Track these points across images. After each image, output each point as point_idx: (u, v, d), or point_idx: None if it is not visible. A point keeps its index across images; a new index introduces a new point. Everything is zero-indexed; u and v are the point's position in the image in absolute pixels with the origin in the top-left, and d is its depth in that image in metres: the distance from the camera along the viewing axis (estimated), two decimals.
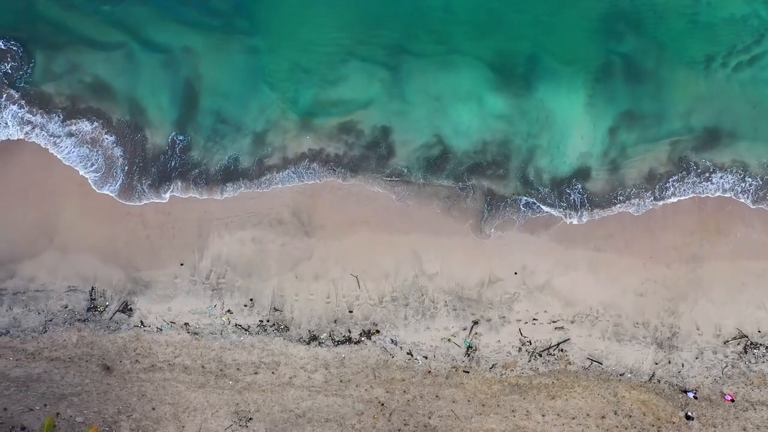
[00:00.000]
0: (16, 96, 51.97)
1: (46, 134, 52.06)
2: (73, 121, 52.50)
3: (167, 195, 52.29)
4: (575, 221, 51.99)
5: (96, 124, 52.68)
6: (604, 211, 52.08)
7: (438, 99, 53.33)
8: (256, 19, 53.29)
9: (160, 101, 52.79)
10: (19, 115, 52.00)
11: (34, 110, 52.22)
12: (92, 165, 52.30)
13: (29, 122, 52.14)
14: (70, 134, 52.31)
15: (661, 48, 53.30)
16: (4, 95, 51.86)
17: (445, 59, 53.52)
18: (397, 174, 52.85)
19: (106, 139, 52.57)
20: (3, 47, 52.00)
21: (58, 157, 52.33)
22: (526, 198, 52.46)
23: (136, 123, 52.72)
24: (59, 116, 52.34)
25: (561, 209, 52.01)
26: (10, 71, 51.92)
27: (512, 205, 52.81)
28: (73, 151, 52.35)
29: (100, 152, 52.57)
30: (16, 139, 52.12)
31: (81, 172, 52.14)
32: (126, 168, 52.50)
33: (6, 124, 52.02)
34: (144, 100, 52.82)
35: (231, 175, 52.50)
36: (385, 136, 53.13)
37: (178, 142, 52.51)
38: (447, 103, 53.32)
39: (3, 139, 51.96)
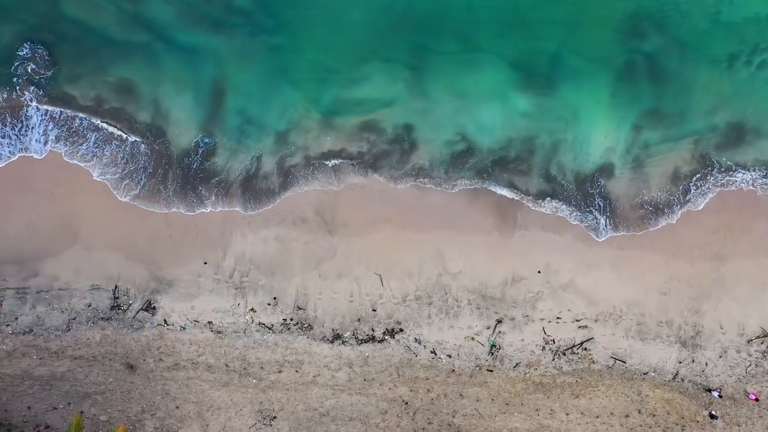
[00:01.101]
0: (41, 99, 51.65)
1: (67, 139, 51.78)
2: (95, 124, 52.17)
3: (198, 209, 52.16)
4: (602, 237, 52.01)
5: (118, 126, 52.38)
6: (631, 230, 52.13)
7: (461, 97, 53.22)
8: (279, 17, 53.04)
9: (183, 102, 52.59)
10: (44, 120, 51.78)
11: (58, 113, 51.87)
12: (114, 169, 52.01)
13: (54, 127, 51.89)
14: (93, 138, 51.99)
15: (684, 47, 53.17)
16: (31, 98, 51.57)
17: (468, 58, 53.35)
18: (420, 172, 52.65)
19: (129, 141, 52.28)
20: (28, 49, 51.69)
21: (82, 165, 52.00)
22: (550, 199, 52.32)
23: (158, 125, 52.50)
24: (82, 119, 52.01)
25: (586, 221, 52.05)
26: (34, 73, 51.65)
27: (535, 204, 52.60)
28: (95, 155, 52.09)
29: (122, 156, 52.25)
30: (42, 144, 51.92)
31: (101, 178, 51.85)
32: (148, 173, 52.22)
33: (31, 129, 51.82)
34: (167, 100, 52.61)
35: (255, 184, 52.51)
36: (408, 134, 53.06)
37: (202, 144, 52.35)
38: (470, 101, 53.21)
39: (30, 142, 51.78)
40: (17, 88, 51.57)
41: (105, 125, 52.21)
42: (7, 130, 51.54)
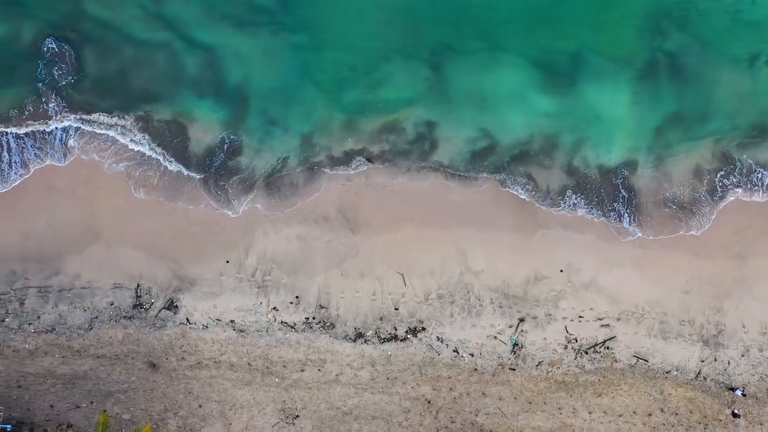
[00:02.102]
0: (63, 101, 51.62)
1: (92, 140, 51.82)
2: (117, 123, 52.13)
3: (222, 208, 52.17)
4: (629, 238, 52.10)
5: (139, 126, 52.34)
6: (657, 232, 52.28)
7: (482, 96, 53.24)
8: (301, 16, 53.05)
9: (205, 100, 52.64)
10: (66, 121, 51.78)
11: (80, 114, 51.88)
12: (137, 169, 52.02)
13: (77, 129, 51.89)
14: (114, 138, 52.00)
15: (705, 46, 53.19)
16: (53, 100, 51.54)
17: (489, 57, 53.40)
18: (441, 170, 52.62)
19: (150, 142, 52.24)
20: (55, 47, 51.63)
21: (104, 163, 51.98)
22: (574, 197, 52.38)
23: (179, 123, 52.41)
24: (104, 118, 52.01)
25: (609, 220, 52.15)
26: (57, 72, 51.60)
27: (557, 203, 52.61)
28: (116, 155, 52.14)
29: (143, 156, 52.23)
30: (67, 145, 51.99)
31: (119, 168, 51.92)
32: (173, 172, 52.26)
33: (54, 130, 51.85)
34: (188, 99, 52.63)
35: (279, 183, 52.64)
36: (430, 132, 53.11)
37: (227, 142, 52.34)
38: (492, 100, 53.25)
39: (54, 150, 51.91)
40: (41, 93, 51.72)
41: (125, 126, 52.02)
42: (31, 140, 51.45)
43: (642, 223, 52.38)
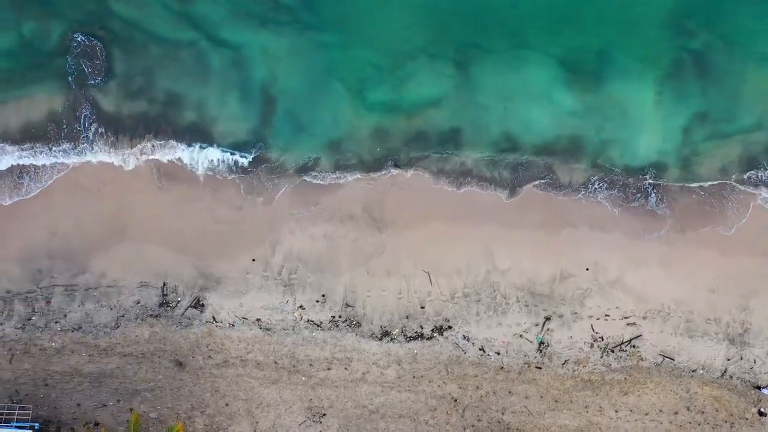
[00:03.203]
0: (91, 102, 51.71)
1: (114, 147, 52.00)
2: (143, 125, 52.31)
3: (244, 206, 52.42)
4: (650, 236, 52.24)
5: (166, 128, 52.50)
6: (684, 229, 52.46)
7: (507, 94, 53.19)
8: (326, 15, 52.92)
9: (230, 99, 52.54)
10: (93, 123, 51.86)
11: (105, 116, 52.00)
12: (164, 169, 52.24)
13: (101, 132, 52.00)
14: (139, 145, 52.20)
15: (731, 44, 53.12)
16: (84, 103, 51.60)
17: (514, 55, 53.31)
18: (467, 169, 52.65)
19: (175, 144, 52.26)
20: (86, 41, 51.51)
21: (126, 167, 52.09)
22: (600, 195, 52.48)
23: (205, 122, 52.36)
24: (128, 121, 52.25)
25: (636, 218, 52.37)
26: (85, 70, 51.61)
27: (584, 201, 52.66)
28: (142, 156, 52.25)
29: (170, 156, 52.35)
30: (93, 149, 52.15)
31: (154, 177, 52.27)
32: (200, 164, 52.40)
33: (85, 133, 51.94)
34: (214, 98, 52.54)
35: (304, 181, 52.81)
36: (455, 132, 53.02)
37: (251, 141, 52.28)
38: (517, 98, 53.16)
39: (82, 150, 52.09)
40: (72, 88, 51.83)
41: (150, 128, 52.21)
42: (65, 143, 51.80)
43: (670, 222, 52.23)
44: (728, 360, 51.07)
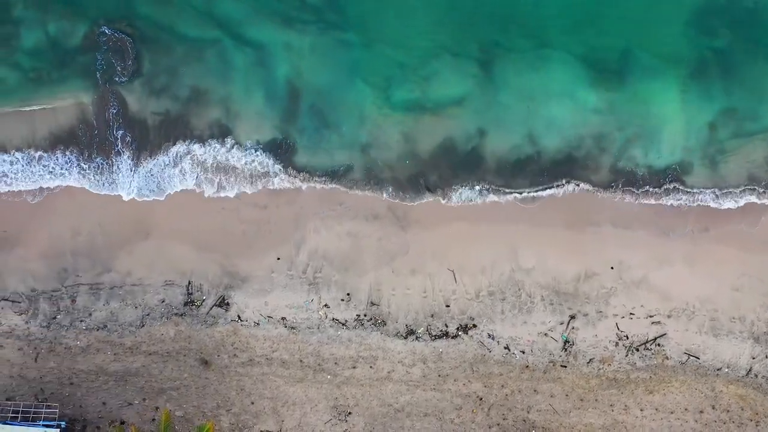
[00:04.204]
0: (117, 101, 51.84)
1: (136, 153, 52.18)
2: (167, 125, 52.39)
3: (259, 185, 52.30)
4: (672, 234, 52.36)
5: (187, 129, 52.55)
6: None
7: (531, 93, 53.14)
8: (349, 13, 52.96)
9: (254, 98, 52.57)
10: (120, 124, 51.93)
11: (129, 118, 52.10)
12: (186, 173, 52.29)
13: (126, 135, 52.04)
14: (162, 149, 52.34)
15: (755, 43, 53.12)
16: (110, 102, 51.67)
17: (537, 54, 53.30)
18: (491, 170, 52.73)
19: (197, 145, 52.34)
20: (113, 34, 51.58)
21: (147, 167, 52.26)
22: (624, 193, 52.60)
23: (228, 120, 52.43)
24: (152, 122, 52.31)
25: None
26: (112, 69, 51.77)
27: (606, 199, 52.74)
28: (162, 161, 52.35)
29: (190, 157, 52.35)
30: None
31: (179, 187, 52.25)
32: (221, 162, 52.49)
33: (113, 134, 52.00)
34: (237, 97, 52.57)
35: (326, 173, 52.68)
36: (480, 131, 53.01)
37: (275, 141, 52.37)
38: (540, 97, 53.16)
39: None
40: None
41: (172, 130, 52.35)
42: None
43: (693, 220, 52.34)
44: (753, 359, 51.07)
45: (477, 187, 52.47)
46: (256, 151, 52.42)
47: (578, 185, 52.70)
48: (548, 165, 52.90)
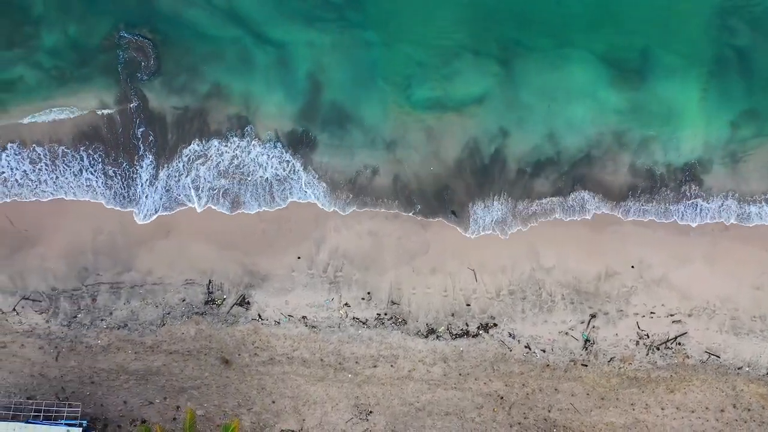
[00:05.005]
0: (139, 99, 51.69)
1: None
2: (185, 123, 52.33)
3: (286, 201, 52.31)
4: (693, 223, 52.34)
5: (209, 130, 52.40)
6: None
7: (551, 92, 53.19)
8: (370, 12, 52.93)
9: (274, 98, 52.49)
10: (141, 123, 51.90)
11: (152, 121, 52.04)
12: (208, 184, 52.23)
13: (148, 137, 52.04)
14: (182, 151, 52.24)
15: None
16: (132, 99, 51.59)
17: (558, 53, 53.29)
18: (513, 170, 52.78)
19: (218, 145, 52.18)
20: (132, 37, 51.59)
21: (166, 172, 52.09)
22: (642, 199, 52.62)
23: (248, 120, 52.40)
24: (173, 127, 52.21)
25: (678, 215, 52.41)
26: (132, 68, 51.70)
27: (626, 200, 52.72)
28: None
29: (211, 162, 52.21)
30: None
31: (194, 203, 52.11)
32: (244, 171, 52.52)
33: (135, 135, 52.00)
34: (258, 97, 52.48)
35: (352, 186, 52.74)
36: (501, 131, 52.97)
37: (295, 140, 52.26)
38: (560, 95, 53.16)
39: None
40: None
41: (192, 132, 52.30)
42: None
43: (712, 219, 52.40)
44: None
45: (498, 214, 52.38)
46: (274, 151, 52.23)
47: (594, 196, 52.45)
48: (567, 166, 52.67)
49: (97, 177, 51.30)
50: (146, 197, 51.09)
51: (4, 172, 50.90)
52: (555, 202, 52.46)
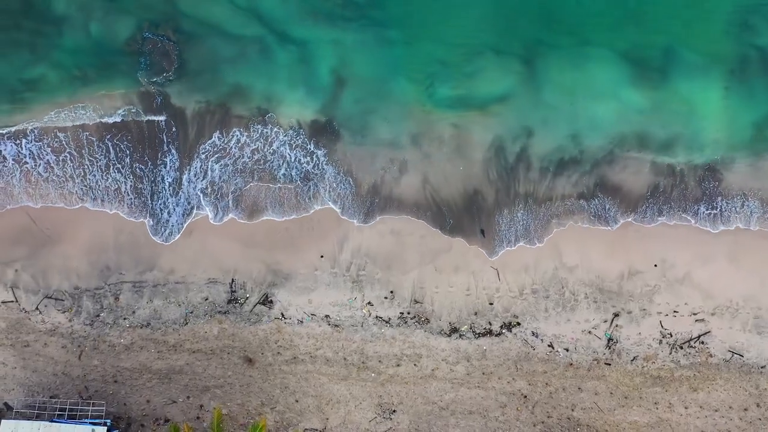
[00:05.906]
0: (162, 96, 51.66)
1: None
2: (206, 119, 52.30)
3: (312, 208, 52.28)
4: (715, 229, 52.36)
5: (232, 129, 52.34)
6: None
7: (573, 90, 53.22)
8: (392, 11, 52.98)
9: (296, 96, 52.44)
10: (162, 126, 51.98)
11: (171, 121, 51.99)
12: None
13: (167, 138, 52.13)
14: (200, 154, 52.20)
15: None
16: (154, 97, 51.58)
17: (580, 51, 53.31)
18: (533, 169, 52.76)
19: (239, 142, 52.14)
20: (155, 37, 51.56)
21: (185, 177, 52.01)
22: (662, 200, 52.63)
23: (269, 119, 52.38)
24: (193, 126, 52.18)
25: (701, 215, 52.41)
26: (156, 68, 51.68)
27: (649, 201, 52.72)
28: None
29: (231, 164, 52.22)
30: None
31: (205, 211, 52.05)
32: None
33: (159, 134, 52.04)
34: (280, 95, 52.48)
35: (379, 198, 52.71)
36: (524, 129, 52.90)
37: (316, 139, 52.37)
38: (582, 94, 53.15)
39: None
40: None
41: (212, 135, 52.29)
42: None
43: (734, 219, 52.30)
44: None
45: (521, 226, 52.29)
46: (297, 150, 52.21)
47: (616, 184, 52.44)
48: (587, 160, 52.69)
49: (125, 177, 51.13)
50: (168, 215, 50.94)
51: (28, 163, 50.82)
52: (581, 205, 52.32)
